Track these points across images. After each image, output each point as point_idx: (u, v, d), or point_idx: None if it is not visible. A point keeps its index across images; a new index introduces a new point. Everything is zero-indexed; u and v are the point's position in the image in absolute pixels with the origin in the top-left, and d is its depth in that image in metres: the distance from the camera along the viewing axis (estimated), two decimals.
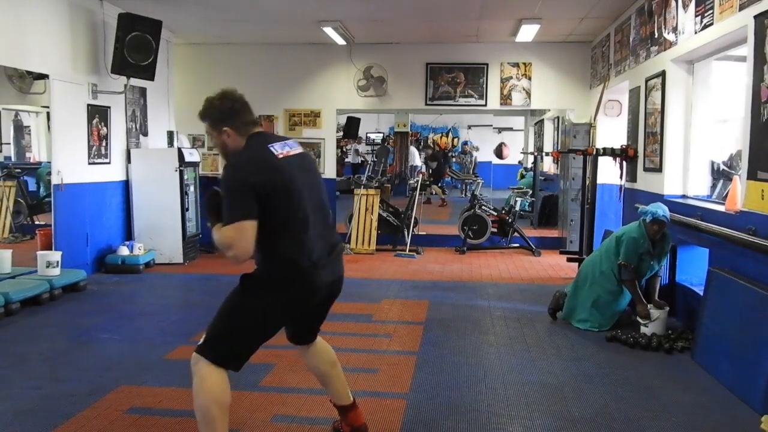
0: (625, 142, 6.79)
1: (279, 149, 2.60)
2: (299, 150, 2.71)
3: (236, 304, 2.61)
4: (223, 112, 2.66)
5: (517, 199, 9.36)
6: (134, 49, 6.78)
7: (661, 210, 4.68)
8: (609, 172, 7.19)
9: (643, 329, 4.69)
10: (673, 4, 5.42)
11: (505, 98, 9.08)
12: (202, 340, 2.58)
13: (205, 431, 2.52)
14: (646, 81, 6.12)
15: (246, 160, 2.56)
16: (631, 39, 6.78)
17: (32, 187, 8.65)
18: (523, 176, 14.29)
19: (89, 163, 6.80)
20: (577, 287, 5.16)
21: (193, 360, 2.55)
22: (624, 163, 6.66)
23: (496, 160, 18.28)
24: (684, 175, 5.64)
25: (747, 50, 4.05)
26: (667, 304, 4.81)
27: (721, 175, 5.90)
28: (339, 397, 2.99)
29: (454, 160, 19.80)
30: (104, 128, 7.07)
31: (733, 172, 5.66)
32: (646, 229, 4.74)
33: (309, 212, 2.59)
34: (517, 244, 8.91)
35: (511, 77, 9.02)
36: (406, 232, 8.77)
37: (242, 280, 2.65)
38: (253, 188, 2.43)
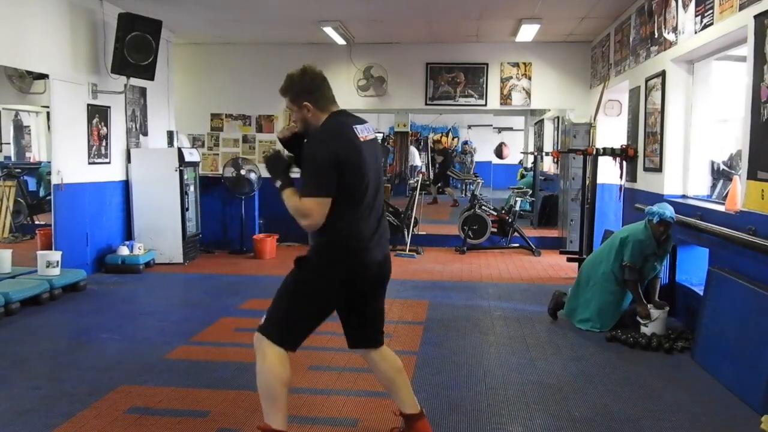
0: (625, 142, 6.79)
1: (361, 132, 2.70)
2: (373, 135, 2.81)
3: (292, 284, 2.71)
4: (303, 86, 2.72)
5: (517, 199, 9.36)
6: (134, 48, 6.78)
7: (668, 211, 4.67)
8: (609, 172, 7.19)
9: (643, 329, 4.69)
10: (673, 4, 5.42)
11: (505, 98, 9.09)
12: (262, 320, 2.69)
13: (267, 405, 2.66)
14: (646, 81, 6.12)
15: (333, 134, 2.64)
16: (631, 39, 6.78)
17: (32, 187, 8.66)
18: (523, 176, 14.30)
19: (89, 163, 6.80)
20: (579, 287, 5.16)
21: (256, 339, 2.68)
22: (624, 163, 6.66)
23: (496, 160, 18.28)
24: (684, 175, 5.64)
25: (747, 50, 4.05)
26: (667, 304, 4.81)
27: (721, 175, 5.91)
28: (406, 405, 2.93)
29: (455, 160, 19.81)
30: (104, 128, 7.07)
31: (733, 171, 5.66)
32: (653, 230, 4.73)
33: (372, 197, 2.71)
34: (517, 244, 8.91)
35: (511, 77, 9.02)
36: (406, 232, 8.77)
37: (297, 262, 2.72)
38: (337, 162, 2.54)
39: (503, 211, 9.22)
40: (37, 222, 8.28)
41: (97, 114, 6.92)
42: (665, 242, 4.82)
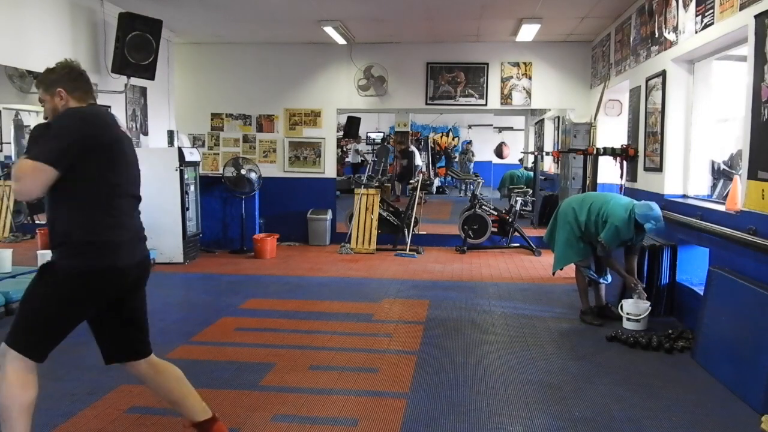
0: (625, 142, 6.79)
1: (118, 123, 2.64)
2: (125, 132, 2.71)
3: (34, 293, 2.50)
4: (60, 75, 2.63)
5: (517, 198, 9.36)
6: (134, 48, 6.78)
7: (651, 223, 4.72)
8: (609, 172, 7.19)
9: (626, 324, 4.83)
10: (674, 3, 5.42)
11: (506, 98, 9.08)
12: (10, 330, 2.48)
13: (4, 428, 2.44)
14: (647, 80, 6.11)
15: (87, 114, 2.54)
16: (631, 38, 6.78)
17: None
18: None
19: None
20: (554, 223, 5.41)
21: (1, 351, 2.46)
22: (624, 162, 6.66)
23: (496, 160, 18.27)
24: (684, 175, 5.64)
25: (747, 50, 4.05)
26: (649, 301, 4.93)
27: (721, 174, 5.91)
28: (196, 413, 2.71)
29: (455, 159, 19.81)
30: None
31: (733, 171, 5.67)
32: (637, 221, 4.79)
33: (126, 191, 2.58)
34: (518, 244, 8.91)
35: (512, 77, 9.02)
36: (406, 232, 8.77)
37: (41, 269, 2.51)
38: (79, 141, 2.39)
39: (503, 211, 9.22)
40: (37, 221, 8.27)
41: None
42: (641, 232, 4.93)
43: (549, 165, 13.00)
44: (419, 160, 17.74)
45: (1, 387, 2.41)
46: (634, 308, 4.90)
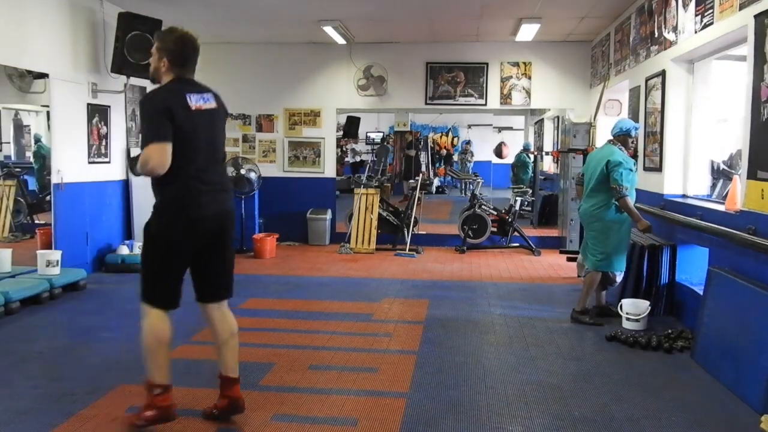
0: None
1: (194, 102, 2.99)
2: (212, 105, 3.10)
3: (143, 250, 3.10)
4: (175, 50, 3.05)
5: (517, 198, 9.36)
6: (134, 48, 6.78)
7: (629, 124, 5.05)
8: None
9: (625, 323, 4.82)
10: (673, 3, 5.42)
11: (505, 98, 9.09)
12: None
13: (148, 363, 3.02)
14: (646, 80, 6.12)
15: (164, 93, 2.99)
16: (631, 38, 6.78)
17: (32, 186, 8.65)
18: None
19: (89, 162, 6.80)
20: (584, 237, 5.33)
21: (141, 306, 3.05)
22: None
23: (496, 160, 18.26)
24: (684, 175, 5.65)
25: (747, 49, 4.05)
26: (648, 301, 4.92)
27: (721, 174, 5.90)
28: (228, 368, 3.18)
29: (455, 159, 19.78)
30: (104, 127, 7.07)
31: (733, 171, 5.66)
32: (630, 144, 5.00)
33: (202, 158, 2.98)
34: (517, 244, 8.91)
35: (511, 76, 9.03)
36: (406, 232, 8.77)
37: (144, 229, 3.05)
38: (168, 114, 2.84)
39: (503, 211, 9.22)
40: (36, 221, 8.26)
41: (97, 113, 6.92)
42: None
43: (549, 165, 12.99)
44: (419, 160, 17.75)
45: (144, 327, 3.01)
46: (633, 308, 4.90)
